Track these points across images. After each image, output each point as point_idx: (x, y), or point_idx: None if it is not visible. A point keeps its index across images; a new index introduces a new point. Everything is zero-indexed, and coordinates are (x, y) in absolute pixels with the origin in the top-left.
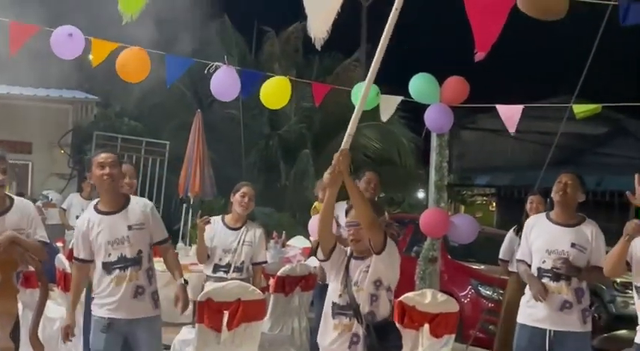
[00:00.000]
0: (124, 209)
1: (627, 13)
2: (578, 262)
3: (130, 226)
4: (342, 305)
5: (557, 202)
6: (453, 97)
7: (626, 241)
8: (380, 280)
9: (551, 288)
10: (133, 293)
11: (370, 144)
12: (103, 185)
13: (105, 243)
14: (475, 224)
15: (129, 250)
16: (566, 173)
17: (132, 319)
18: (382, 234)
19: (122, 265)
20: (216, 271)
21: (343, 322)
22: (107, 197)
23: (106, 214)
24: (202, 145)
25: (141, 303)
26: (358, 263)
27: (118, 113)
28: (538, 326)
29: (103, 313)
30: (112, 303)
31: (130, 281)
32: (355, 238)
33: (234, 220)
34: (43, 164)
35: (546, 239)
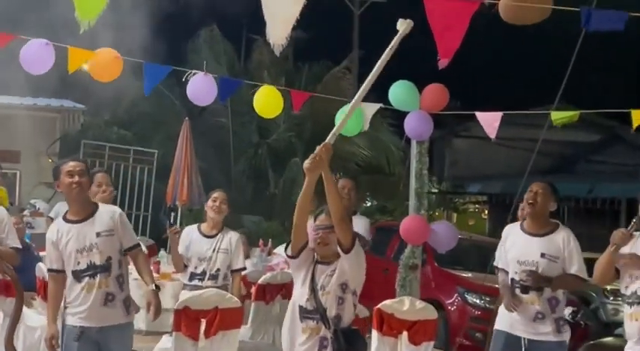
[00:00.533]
0: (92, 217)
1: (589, 20)
2: (549, 272)
3: (99, 233)
4: (309, 309)
5: (527, 212)
6: (433, 105)
7: (613, 251)
8: (346, 283)
9: (524, 299)
10: (103, 300)
11: (359, 152)
12: (71, 194)
13: (74, 251)
14: (454, 231)
15: (98, 257)
16: (538, 182)
17: (103, 326)
18: (351, 232)
19: (91, 273)
20: (192, 279)
21: (310, 326)
22: (76, 206)
23: (75, 222)
24: (190, 154)
25: (111, 310)
26: (324, 268)
27: (108, 122)
28: (513, 333)
29: (74, 322)
30: (83, 311)
31: (100, 288)
32: (323, 242)
33: (209, 227)
34: (30, 173)
35: (518, 250)
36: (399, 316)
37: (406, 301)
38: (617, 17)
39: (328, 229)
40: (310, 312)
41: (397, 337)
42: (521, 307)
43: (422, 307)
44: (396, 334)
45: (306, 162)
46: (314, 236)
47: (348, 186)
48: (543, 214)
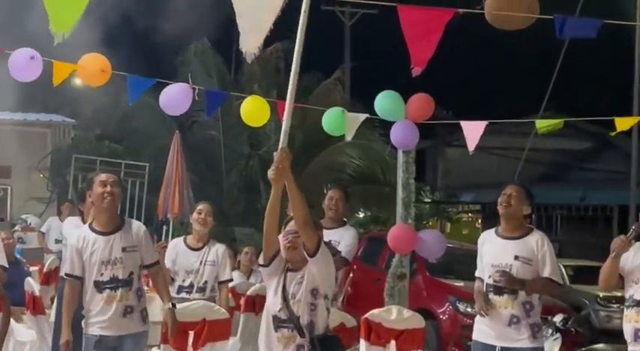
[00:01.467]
0: (119, 231)
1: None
2: (523, 275)
3: (124, 248)
4: (283, 319)
5: (501, 215)
6: (418, 114)
7: (613, 258)
8: (316, 288)
9: (497, 302)
10: (123, 312)
11: (351, 162)
12: (102, 203)
13: (98, 262)
14: (442, 239)
15: (121, 271)
16: (512, 185)
17: (120, 335)
18: (316, 236)
19: (113, 286)
20: (179, 292)
21: (286, 335)
22: (104, 217)
23: (102, 234)
24: (181, 167)
25: (130, 321)
26: (293, 275)
27: (99, 136)
28: (488, 343)
29: (93, 331)
30: (103, 321)
31: (120, 301)
32: (292, 246)
33: (195, 240)
34: (21, 188)
35: (492, 254)
36: (386, 325)
37: (394, 310)
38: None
39: (297, 233)
40: (284, 321)
41: (385, 347)
42: (494, 312)
43: (409, 315)
44: (384, 343)
45: (269, 172)
46: (284, 241)
47: (336, 196)
48: (517, 217)
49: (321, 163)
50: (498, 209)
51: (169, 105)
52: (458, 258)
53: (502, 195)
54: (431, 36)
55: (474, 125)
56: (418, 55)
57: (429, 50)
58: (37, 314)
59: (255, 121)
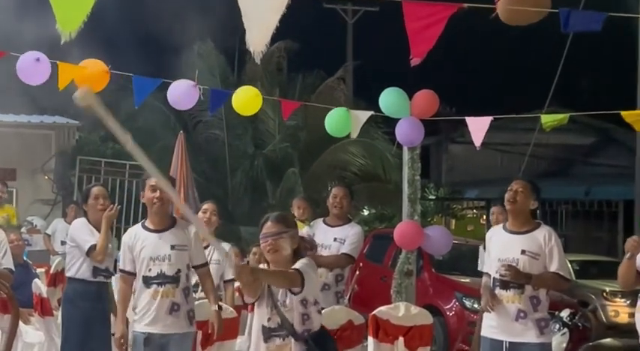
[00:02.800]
0: (169, 229)
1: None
2: (530, 270)
3: (173, 246)
4: (273, 328)
5: (508, 210)
6: (423, 111)
7: (628, 259)
8: (305, 298)
9: (504, 297)
10: (169, 309)
11: (355, 160)
12: (152, 207)
13: (147, 258)
14: (449, 235)
15: (168, 268)
16: (518, 180)
17: (166, 333)
18: (298, 276)
19: (160, 281)
20: None
21: (276, 344)
22: (155, 218)
23: (152, 231)
24: (186, 167)
25: (176, 319)
26: None
27: (103, 137)
28: (495, 338)
29: (141, 329)
30: (150, 317)
31: (167, 297)
32: (273, 248)
33: None
34: (27, 190)
35: (499, 248)
36: (394, 322)
37: (401, 306)
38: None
39: (276, 235)
40: (275, 330)
41: (393, 343)
42: (501, 307)
43: (417, 312)
44: (392, 340)
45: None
46: (264, 244)
47: (340, 194)
48: (524, 212)
49: (325, 162)
50: (505, 205)
51: (177, 100)
52: (464, 254)
53: (508, 191)
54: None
55: (478, 121)
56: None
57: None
58: (45, 316)
59: (246, 110)
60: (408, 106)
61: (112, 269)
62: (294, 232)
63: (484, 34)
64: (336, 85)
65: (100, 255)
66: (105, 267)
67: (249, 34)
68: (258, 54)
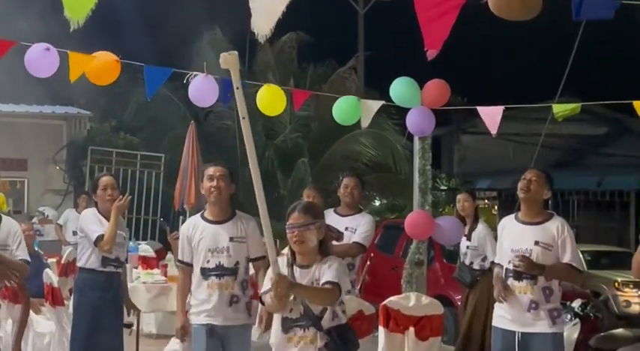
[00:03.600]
0: (229, 221)
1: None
2: (543, 261)
3: (232, 238)
4: (294, 318)
5: (521, 200)
6: (434, 100)
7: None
8: None
9: (517, 288)
10: (229, 301)
11: (366, 151)
12: (210, 197)
13: (205, 250)
14: (460, 226)
15: (227, 260)
16: (531, 170)
17: (227, 325)
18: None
19: (219, 273)
20: None
21: (298, 335)
22: (214, 208)
23: (211, 222)
24: (197, 157)
25: (236, 311)
26: (304, 273)
27: (114, 127)
28: (507, 328)
29: (201, 320)
30: (209, 309)
31: (226, 289)
32: (300, 239)
33: None
34: (38, 181)
35: (512, 239)
36: (405, 312)
37: (412, 296)
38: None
39: (303, 226)
40: (296, 321)
41: (404, 333)
42: (514, 297)
43: (428, 302)
44: (402, 330)
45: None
46: (290, 234)
47: (351, 184)
48: (537, 202)
49: (336, 152)
50: (518, 194)
51: (199, 97)
52: None
53: (522, 180)
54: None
55: (490, 110)
56: (432, 38)
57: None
58: (56, 306)
59: (272, 110)
60: (419, 95)
61: (122, 259)
62: (322, 223)
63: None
64: (347, 76)
65: (107, 245)
66: (115, 256)
67: (255, 17)
68: (262, 37)
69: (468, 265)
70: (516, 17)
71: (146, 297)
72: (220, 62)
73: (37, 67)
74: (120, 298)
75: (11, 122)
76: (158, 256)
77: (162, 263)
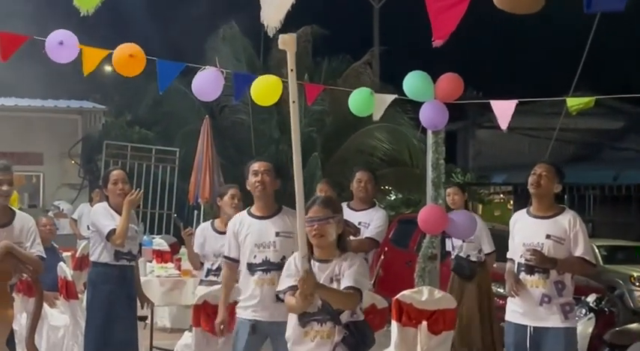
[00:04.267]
0: (275, 216)
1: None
2: (555, 254)
3: (278, 233)
4: (312, 312)
5: (532, 194)
6: (448, 94)
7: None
8: None
9: (529, 282)
10: (275, 297)
11: (380, 145)
12: (254, 192)
13: (252, 245)
14: (473, 220)
15: (273, 254)
16: (541, 164)
17: (274, 321)
18: (358, 296)
19: (265, 268)
20: (207, 275)
21: (315, 329)
22: (259, 203)
23: (257, 217)
24: (211, 151)
25: (282, 306)
26: (323, 268)
27: (129, 122)
28: (520, 323)
29: (247, 315)
30: (255, 305)
31: (272, 285)
32: (319, 233)
33: (223, 223)
34: (53, 175)
35: (523, 233)
36: (418, 306)
37: (425, 290)
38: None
39: (323, 220)
40: (313, 315)
41: (417, 327)
42: (526, 292)
43: (441, 296)
44: (415, 324)
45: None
46: (309, 228)
47: (364, 178)
48: (548, 196)
49: (351, 147)
50: (529, 189)
51: (202, 91)
52: None
53: (531, 175)
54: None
55: (503, 104)
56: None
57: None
58: (71, 299)
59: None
60: (432, 89)
61: (135, 252)
62: (340, 217)
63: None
64: (362, 70)
65: (118, 239)
66: (127, 250)
67: (264, 9)
68: (272, 29)
69: (465, 257)
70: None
71: (160, 291)
72: (279, 43)
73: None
74: (133, 291)
75: (27, 117)
76: (172, 250)
77: (176, 257)
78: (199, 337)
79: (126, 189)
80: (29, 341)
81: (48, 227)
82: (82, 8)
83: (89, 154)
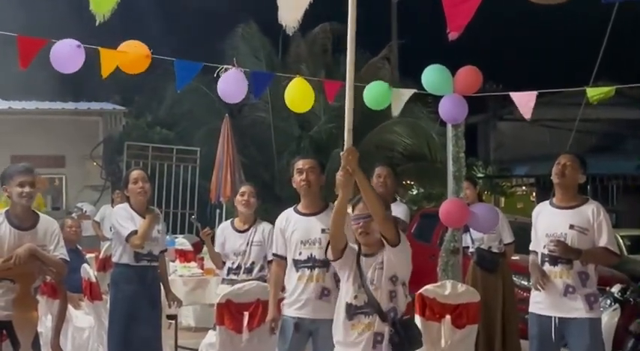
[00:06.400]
0: (322, 213)
1: None
2: (579, 245)
3: (324, 230)
4: (359, 306)
5: (556, 185)
6: (467, 87)
7: None
8: (395, 275)
9: (552, 273)
10: (319, 294)
11: (400, 140)
12: (300, 190)
13: (298, 241)
14: (495, 212)
15: (318, 251)
16: (565, 154)
17: (316, 319)
18: (394, 227)
19: (310, 265)
20: (228, 274)
21: (363, 322)
22: (305, 200)
23: (304, 214)
24: (232, 150)
25: (326, 304)
26: (369, 261)
27: (150, 123)
28: (544, 314)
29: (291, 313)
30: (299, 302)
31: (317, 282)
32: (365, 231)
33: (241, 222)
34: (76, 177)
35: (547, 224)
36: (441, 300)
37: (448, 284)
38: None
39: (368, 217)
40: (360, 308)
41: (440, 321)
42: (550, 284)
43: (464, 290)
44: (439, 318)
45: (338, 178)
46: (355, 226)
47: (384, 173)
48: (572, 187)
49: (371, 142)
50: (552, 179)
51: (228, 93)
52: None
53: (556, 165)
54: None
55: (524, 96)
56: (455, 20)
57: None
58: (95, 300)
59: (300, 107)
60: (451, 82)
61: (156, 253)
62: (387, 214)
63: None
64: (381, 65)
65: (137, 240)
66: (147, 251)
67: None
68: (290, 29)
69: (487, 249)
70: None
71: (183, 290)
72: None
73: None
74: (156, 291)
75: (48, 119)
76: (195, 250)
77: (199, 256)
78: (223, 336)
79: (146, 188)
80: (54, 343)
81: (74, 229)
82: (98, 14)
83: (111, 155)
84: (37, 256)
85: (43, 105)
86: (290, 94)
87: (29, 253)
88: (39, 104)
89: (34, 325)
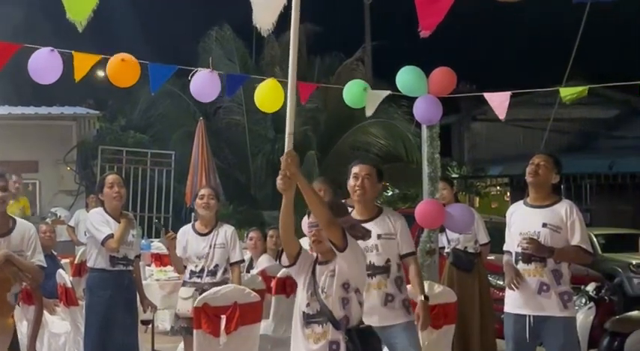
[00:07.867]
0: (376, 218)
1: None
2: (553, 243)
3: (380, 235)
4: (312, 314)
5: (530, 184)
6: (441, 88)
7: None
8: (347, 282)
9: (526, 271)
10: (383, 301)
11: (376, 141)
12: (353, 195)
13: None
14: (471, 213)
15: (376, 258)
16: (539, 154)
17: (384, 326)
18: (340, 231)
19: (370, 273)
20: (191, 277)
21: (316, 331)
22: (359, 206)
23: (358, 221)
24: (207, 153)
25: (391, 310)
26: (323, 268)
27: (124, 127)
28: (519, 313)
29: None
30: (366, 310)
31: (379, 288)
32: (317, 239)
33: (203, 225)
34: (50, 182)
35: (520, 223)
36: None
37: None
38: None
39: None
40: (314, 316)
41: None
42: (524, 283)
43: (440, 290)
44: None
45: (278, 183)
46: (309, 234)
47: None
48: (546, 186)
49: (346, 143)
50: (526, 179)
51: (200, 92)
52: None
53: (530, 164)
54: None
55: (497, 96)
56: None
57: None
58: (70, 306)
59: (270, 107)
60: (425, 84)
61: (131, 257)
62: (332, 218)
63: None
64: (355, 67)
65: (114, 243)
66: (122, 255)
67: (256, 12)
68: (265, 31)
69: (463, 249)
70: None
71: (160, 294)
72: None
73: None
74: (132, 295)
75: (21, 124)
76: None
77: None
78: (200, 340)
79: (122, 192)
80: (31, 349)
81: (48, 234)
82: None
83: (85, 159)
84: (12, 262)
85: (15, 110)
86: (260, 95)
87: (4, 259)
88: (11, 109)
89: (10, 332)
